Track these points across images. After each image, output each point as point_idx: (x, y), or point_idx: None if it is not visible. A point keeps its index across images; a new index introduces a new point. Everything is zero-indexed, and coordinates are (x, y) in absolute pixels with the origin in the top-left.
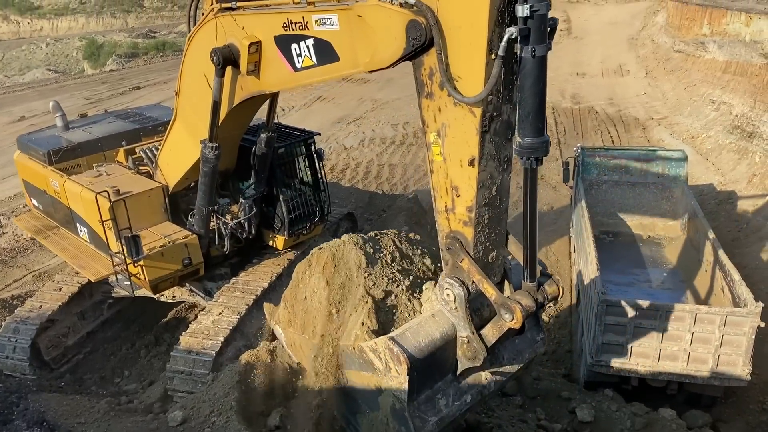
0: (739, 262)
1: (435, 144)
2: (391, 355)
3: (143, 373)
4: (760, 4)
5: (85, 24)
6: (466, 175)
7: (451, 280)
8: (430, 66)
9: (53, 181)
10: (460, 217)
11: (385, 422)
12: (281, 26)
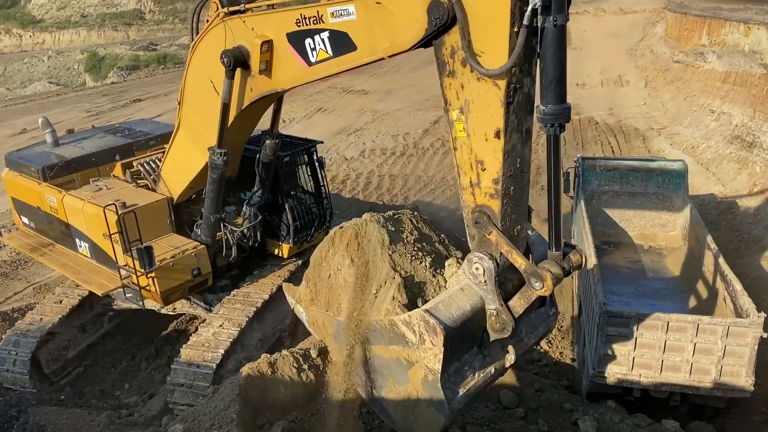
0: (741, 271)
1: (458, 121)
2: (427, 326)
3: (144, 386)
4: (758, 14)
5: (86, 37)
6: (491, 148)
7: (480, 254)
8: (451, 45)
9: (49, 197)
10: (486, 190)
11: (414, 395)
12: (294, 23)
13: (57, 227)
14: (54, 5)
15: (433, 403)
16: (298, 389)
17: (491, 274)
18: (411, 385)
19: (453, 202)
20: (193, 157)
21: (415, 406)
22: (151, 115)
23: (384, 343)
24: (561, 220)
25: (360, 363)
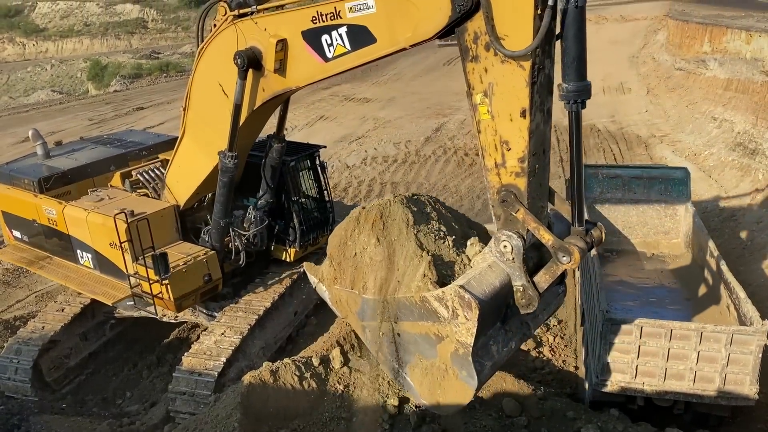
0: (744, 279)
1: (481, 104)
2: (462, 302)
3: (145, 394)
4: (760, 22)
5: (89, 45)
6: (517, 127)
7: (509, 233)
8: (474, 30)
9: (48, 209)
10: (512, 169)
11: (443, 368)
12: (310, 20)
13: (55, 239)
14: (57, 14)
15: (462, 376)
16: (300, 397)
17: (519, 252)
18: (439, 360)
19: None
20: (200, 163)
21: (442, 380)
22: (153, 123)
23: (413, 319)
24: (583, 197)
25: (384, 340)
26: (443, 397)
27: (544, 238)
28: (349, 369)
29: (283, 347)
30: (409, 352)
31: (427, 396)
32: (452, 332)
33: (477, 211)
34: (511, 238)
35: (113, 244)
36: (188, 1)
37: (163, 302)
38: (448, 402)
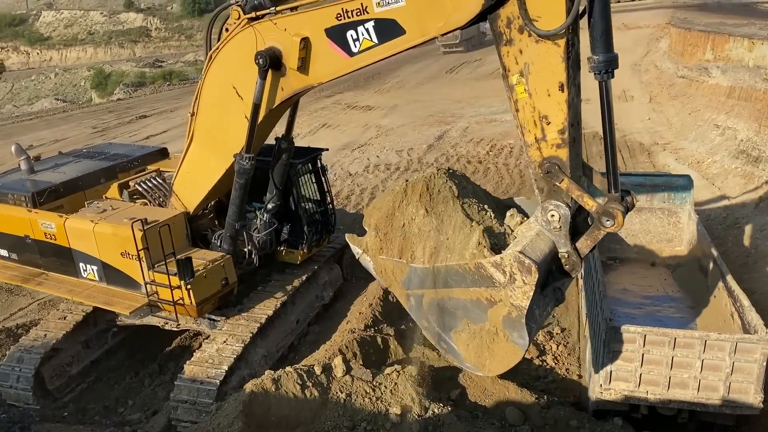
0: (748, 287)
1: (518, 84)
2: (521, 266)
3: (147, 403)
4: (762, 29)
5: (93, 54)
6: (555, 101)
7: (557, 202)
8: (507, 16)
9: (45, 223)
10: (553, 141)
11: (493, 332)
12: (334, 17)
13: (52, 254)
14: (61, 23)
15: (513, 338)
16: (302, 406)
17: (566, 221)
18: (489, 323)
19: None
20: (210, 167)
21: (491, 343)
22: (156, 131)
23: (464, 285)
24: (617, 164)
25: (429, 307)
26: (490, 360)
27: (588, 204)
28: (351, 377)
29: (285, 355)
30: (456, 317)
31: (472, 359)
32: (507, 296)
33: None
34: (559, 207)
35: (125, 253)
36: (191, 9)
37: (184, 308)
38: (495, 364)
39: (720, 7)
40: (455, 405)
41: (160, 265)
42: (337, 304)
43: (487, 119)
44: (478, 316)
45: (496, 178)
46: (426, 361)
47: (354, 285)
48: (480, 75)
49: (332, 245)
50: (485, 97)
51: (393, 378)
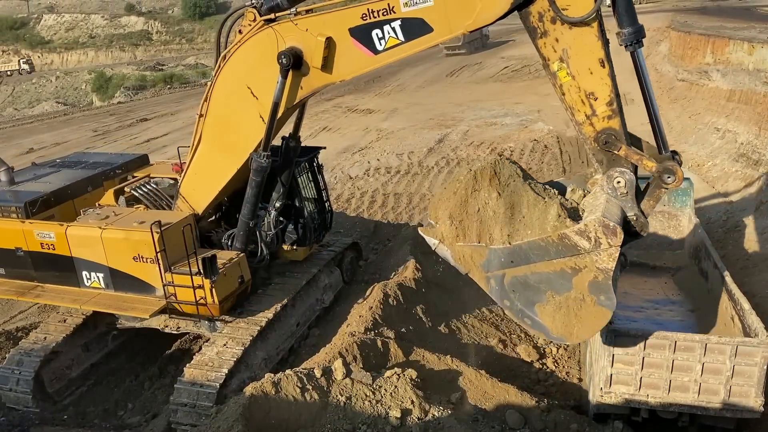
0: (749, 290)
1: (560, 70)
2: (606, 230)
3: (147, 406)
4: (762, 33)
5: (94, 57)
6: (598, 77)
7: (621, 169)
8: (537, 11)
9: (42, 234)
10: (603, 114)
11: (579, 299)
12: (359, 17)
13: (49, 265)
14: (62, 26)
15: (600, 302)
16: (302, 409)
17: (632, 185)
18: (575, 291)
19: None
20: (221, 168)
21: (579, 310)
22: (157, 134)
23: (548, 258)
24: (662, 126)
25: (510, 286)
26: (579, 326)
27: (648, 165)
28: (351, 380)
29: (285, 358)
30: (539, 291)
31: (560, 329)
32: (592, 262)
33: None
34: (624, 173)
35: (139, 257)
36: (192, 13)
37: (207, 307)
38: (583, 330)
39: (720, 11)
40: (455, 408)
41: (181, 266)
42: (338, 307)
43: (488, 122)
44: (563, 286)
45: None
46: (426, 364)
47: (354, 288)
48: (480, 78)
49: (332, 248)
50: (486, 100)
51: (393, 381)
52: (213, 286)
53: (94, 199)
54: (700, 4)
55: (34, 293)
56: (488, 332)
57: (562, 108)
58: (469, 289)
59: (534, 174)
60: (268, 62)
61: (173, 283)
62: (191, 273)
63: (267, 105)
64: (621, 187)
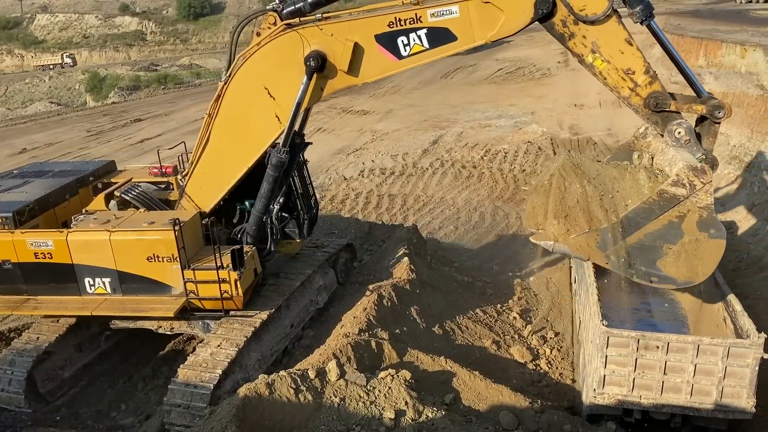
0: (741, 292)
1: (595, 60)
2: (695, 172)
3: (140, 407)
4: (754, 36)
5: (88, 57)
6: (630, 53)
7: (677, 120)
8: (560, 19)
9: (37, 242)
10: (644, 82)
11: (693, 239)
12: (386, 25)
13: (44, 275)
14: (56, 26)
15: (712, 235)
16: (296, 410)
17: (691, 131)
18: (687, 235)
19: (452, 222)
20: (231, 166)
21: (695, 250)
22: (151, 135)
23: (654, 216)
24: (693, 74)
25: (629, 255)
26: (701, 264)
27: (698, 109)
28: (345, 381)
29: (279, 360)
30: (656, 249)
31: (685, 274)
32: (693, 204)
33: (474, 223)
34: (681, 123)
35: (153, 257)
36: (187, 14)
37: (233, 300)
38: (706, 264)
39: (712, 14)
40: (449, 409)
41: (201, 262)
42: (332, 308)
43: (482, 124)
44: (675, 235)
45: (491, 183)
46: (420, 365)
47: (348, 289)
48: (474, 80)
49: (327, 249)
50: (480, 102)
51: (387, 382)
52: (239, 278)
53: (72, 207)
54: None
55: (29, 306)
56: (482, 333)
57: (555, 111)
58: (463, 291)
59: (528, 176)
60: (289, 64)
61: (195, 279)
62: (217, 267)
63: (283, 105)
64: (683, 136)
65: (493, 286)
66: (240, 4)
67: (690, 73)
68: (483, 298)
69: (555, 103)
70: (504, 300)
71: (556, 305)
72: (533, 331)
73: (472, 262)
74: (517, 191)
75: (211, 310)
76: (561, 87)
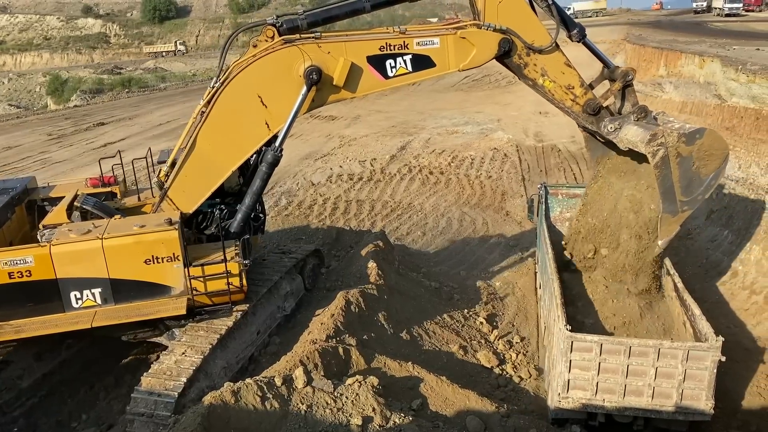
0: (700, 296)
1: (545, 81)
2: (647, 130)
3: (102, 417)
4: (712, 47)
5: (49, 60)
6: (569, 73)
7: (604, 120)
8: (517, 54)
9: (14, 260)
10: (581, 93)
11: (700, 152)
12: (378, 48)
13: (21, 297)
14: (16, 27)
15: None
16: (263, 418)
17: (621, 121)
18: (697, 153)
19: (420, 228)
20: (217, 169)
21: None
22: (114, 139)
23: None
24: (603, 53)
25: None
26: (720, 146)
27: (616, 86)
28: (313, 388)
29: (246, 367)
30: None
31: (719, 161)
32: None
33: (441, 229)
34: (612, 120)
35: (152, 259)
36: (152, 16)
37: (239, 292)
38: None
39: (673, 25)
40: (416, 415)
41: (200, 258)
42: (299, 315)
43: (449, 131)
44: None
45: (458, 189)
46: (388, 371)
47: (316, 295)
48: (441, 87)
49: (294, 255)
50: (447, 108)
51: (354, 388)
52: (244, 269)
53: (16, 225)
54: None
55: (10, 330)
56: (449, 338)
57: (520, 118)
58: (430, 296)
59: (494, 182)
60: (284, 76)
61: (203, 275)
62: (225, 260)
63: (274, 113)
64: (614, 125)
65: (460, 291)
66: (206, 7)
67: (600, 53)
68: (450, 303)
69: (520, 110)
70: (471, 305)
71: (521, 310)
72: (499, 336)
73: (439, 268)
74: (484, 197)
75: (216, 304)
76: (526, 95)
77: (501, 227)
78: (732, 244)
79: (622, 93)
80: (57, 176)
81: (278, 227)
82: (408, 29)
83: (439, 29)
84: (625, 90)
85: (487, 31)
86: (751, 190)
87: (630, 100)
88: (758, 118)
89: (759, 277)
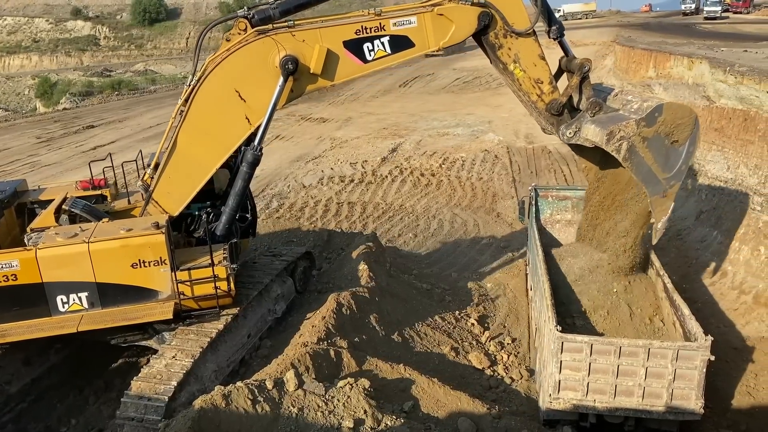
0: (690, 296)
1: (515, 69)
2: (611, 132)
3: (91, 421)
4: (701, 49)
5: (38, 62)
6: (541, 67)
7: (564, 126)
8: (494, 32)
9: (3, 264)
10: (548, 90)
11: (667, 127)
12: (353, 33)
13: (5, 300)
14: (4, 30)
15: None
16: (254, 421)
17: (577, 123)
18: (663, 129)
19: (411, 229)
20: (200, 168)
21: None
22: (104, 141)
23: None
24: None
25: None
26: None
27: (574, 81)
28: (304, 391)
29: (236, 370)
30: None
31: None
32: (635, 133)
33: (433, 230)
34: (569, 127)
35: (139, 263)
36: (142, 19)
37: (227, 297)
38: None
39: (661, 27)
40: (408, 417)
41: (188, 262)
42: (290, 318)
43: (440, 133)
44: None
45: (449, 191)
46: (379, 373)
47: (307, 298)
48: (432, 89)
49: (285, 257)
50: (438, 110)
51: (346, 391)
52: (231, 273)
53: (5, 229)
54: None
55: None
56: (441, 340)
57: (511, 120)
58: (422, 298)
59: (485, 184)
60: (260, 68)
61: (190, 278)
62: (213, 264)
63: (254, 107)
64: (572, 130)
65: (451, 293)
66: (196, 10)
67: (565, 43)
68: (442, 305)
69: (511, 112)
70: (462, 307)
71: (513, 311)
72: (491, 338)
73: (431, 270)
74: (475, 198)
75: (203, 309)
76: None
77: (492, 229)
78: (721, 245)
79: (579, 87)
80: (46, 179)
81: (269, 230)
82: (383, 11)
83: (415, 8)
84: (582, 83)
85: (465, 5)
86: (739, 190)
87: (585, 94)
88: (746, 119)
89: (748, 277)
